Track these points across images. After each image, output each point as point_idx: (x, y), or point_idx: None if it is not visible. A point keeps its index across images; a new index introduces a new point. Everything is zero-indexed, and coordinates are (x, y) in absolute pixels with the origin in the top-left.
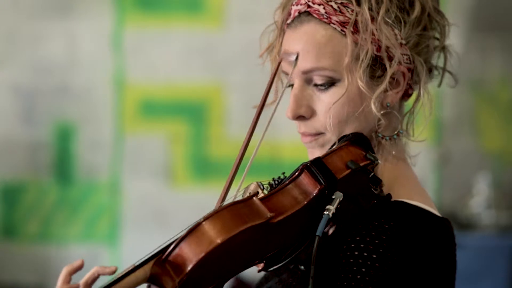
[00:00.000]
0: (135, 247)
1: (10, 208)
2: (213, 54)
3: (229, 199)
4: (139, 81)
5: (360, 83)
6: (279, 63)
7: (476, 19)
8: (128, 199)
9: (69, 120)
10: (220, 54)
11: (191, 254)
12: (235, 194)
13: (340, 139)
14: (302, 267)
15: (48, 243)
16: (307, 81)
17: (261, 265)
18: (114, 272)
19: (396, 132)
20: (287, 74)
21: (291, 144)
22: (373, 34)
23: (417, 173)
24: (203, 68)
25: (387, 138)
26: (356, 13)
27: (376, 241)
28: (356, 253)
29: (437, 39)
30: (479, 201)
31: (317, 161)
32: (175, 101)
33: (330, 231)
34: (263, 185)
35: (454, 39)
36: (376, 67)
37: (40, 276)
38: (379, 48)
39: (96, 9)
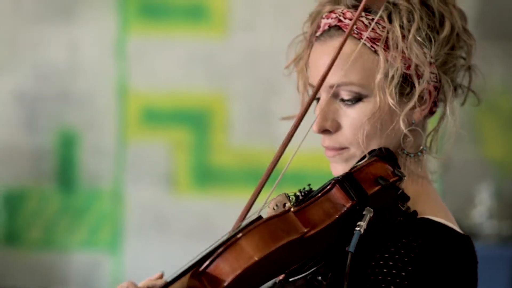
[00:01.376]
0: (138, 255)
1: (13, 215)
2: (215, 62)
3: (255, 209)
4: (142, 89)
5: (390, 100)
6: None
7: (478, 28)
8: (131, 206)
9: (72, 127)
10: (222, 62)
11: (228, 269)
12: (264, 204)
13: (369, 154)
14: (320, 277)
15: (51, 250)
16: (334, 95)
17: (282, 275)
18: None
19: (419, 149)
20: (313, 87)
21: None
22: (403, 52)
23: None
24: (206, 76)
25: (412, 155)
26: (387, 31)
27: (406, 259)
28: (385, 270)
29: (463, 58)
30: (480, 211)
31: (349, 176)
32: (177, 109)
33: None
34: (289, 197)
35: None
36: (405, 85)
37: (42, 283)
38: (409, 66)
39: (99, 15)
